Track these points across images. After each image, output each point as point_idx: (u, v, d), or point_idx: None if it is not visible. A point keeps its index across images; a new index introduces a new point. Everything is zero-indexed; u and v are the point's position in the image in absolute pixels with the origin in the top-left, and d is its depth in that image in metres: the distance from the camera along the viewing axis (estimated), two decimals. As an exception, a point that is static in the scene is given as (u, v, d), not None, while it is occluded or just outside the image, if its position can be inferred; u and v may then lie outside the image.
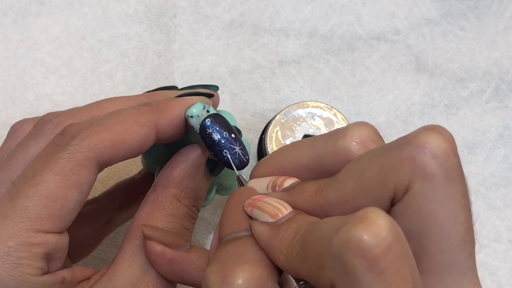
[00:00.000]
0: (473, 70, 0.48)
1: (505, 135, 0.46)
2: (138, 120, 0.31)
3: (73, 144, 0.29)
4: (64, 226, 0.30)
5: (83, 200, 0.30)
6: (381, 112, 0.47)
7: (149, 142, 0.32)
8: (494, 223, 0.44)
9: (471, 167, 0.46)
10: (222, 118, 0.32)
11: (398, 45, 0.49)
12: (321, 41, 0.50)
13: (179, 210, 0.33)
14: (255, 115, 0.47)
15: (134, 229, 0.32)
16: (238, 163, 0.32)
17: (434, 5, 0.50)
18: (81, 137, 0.30)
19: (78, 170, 0.29)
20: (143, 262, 0.31)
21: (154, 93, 0.35)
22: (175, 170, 0.33)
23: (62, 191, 0.29)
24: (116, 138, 0.30)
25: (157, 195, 0.33)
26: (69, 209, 0.29)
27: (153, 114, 0.32)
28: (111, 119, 0.31)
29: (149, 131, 0.31)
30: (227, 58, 0.49)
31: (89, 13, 0.51)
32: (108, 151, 0.30)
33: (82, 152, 0.29)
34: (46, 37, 0.50)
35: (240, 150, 0.32)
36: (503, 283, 0.43)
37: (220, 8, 0.51)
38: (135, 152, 0.31)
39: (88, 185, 0.30)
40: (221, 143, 0.32)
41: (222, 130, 0.32)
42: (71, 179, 0.29)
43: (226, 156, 0.32)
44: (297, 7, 0.51)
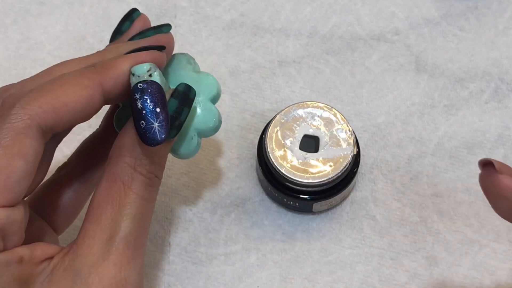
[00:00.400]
0: (472, 71, 0.48)
1: (505, 135, 0.47)
2: (80, 82, 0.31)
3: (12, 113, 0.29)
4: (15, 198, 0.29)
5: (31, 169, 0.29)
6: (381, 112, 0.47)
7: (95, 103, 0.31)
8: (494, 223, 0.44)
9: (471, 167, 0.46)
10: (156, 88, 0.31)
11: (398, 45, 0.49)
12: (321, 41, 0.50)
13: (136, 180, 0.32)
14: (255, 115, 0.47)
15: (94, 207, 0.31)
16: (149, 138, 0.31)
17: (434, 5, 0.51)
18: (20, 105, 0.29)
19: (19, 139, 0.29)
20: (105, 241, 0.31)
21: (104, 51, 0.34)
22: (126, 137, 0.32)
23: (5, 162, 0.28)
24: (56, 102, 0.30)
25: (111, 167, 0.32)
26: (16, 180, 0.29)
27: (97, 74, 0.31)
28: (52, 84, 0.30)
29: (92, 92, 0.31)
30: (227, 58, 0.49)
31: (89, 13, 0.51)
32: (50, 116, 0.29)
33: (21, 120, 0.29)
34: (46, 37, 0.50)
35: (158, 126, 0.31)
36: (503, 283, 0.43)
37: (220, 9, 0.51)
38: (82, 115, 0.31)
39: (33, 152, 0.29)
40: (142, 113, 0.31)
41: (149, 101, 0.31)
42: (13, 149, 0.28)
43: (141, 127, 0.31)
44: (297, 7, 0.51)
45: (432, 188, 0.45)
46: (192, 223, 0.45)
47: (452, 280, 0.43)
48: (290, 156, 0.42)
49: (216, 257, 0.44)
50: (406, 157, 0.46)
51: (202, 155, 0.46)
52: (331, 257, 0.44)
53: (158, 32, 0.35)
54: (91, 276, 0.30)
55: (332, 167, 0.42)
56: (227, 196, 0.45)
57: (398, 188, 0.45)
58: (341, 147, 0.42)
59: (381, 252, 0.44)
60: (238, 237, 0.44)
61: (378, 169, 0.46)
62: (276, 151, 0.42)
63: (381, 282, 0.43)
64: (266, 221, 0.45)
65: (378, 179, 0.46)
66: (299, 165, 0.42)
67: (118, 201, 0.31)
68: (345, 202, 0.45)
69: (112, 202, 0.31)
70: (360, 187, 0.45)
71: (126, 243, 0.31)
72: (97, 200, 0.32)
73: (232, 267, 0.44)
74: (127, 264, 0.31)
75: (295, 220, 0.45)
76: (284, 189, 0.43)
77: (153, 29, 0.36)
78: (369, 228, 0.44)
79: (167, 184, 0.45)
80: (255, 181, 0.46)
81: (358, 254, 0.44)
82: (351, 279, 0.43)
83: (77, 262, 0.30)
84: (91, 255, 0.30)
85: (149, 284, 0.43)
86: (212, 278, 0.43)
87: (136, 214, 0.32)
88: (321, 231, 0.44)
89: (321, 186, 0.42)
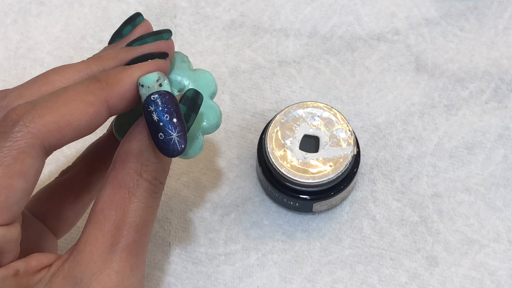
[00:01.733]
0: (472, 71, 0.48)
1: (505, 135, 0.47)
2: (86, 98, 0.30)
3: (15, 131, 0.28)
4: (12, 217, 0.28)
5: (30, 189, 0.29)
6: (381, 112, 0.47)
7: (100, 119, 0.30)
8: (494, 223, 0.44)
9: (471, 167, 0.46)
10: (170, 98, 0.30)
11: (398, 45, 0.49)
12: (321, 41, 0.50)
13: (141, 187, 0.31)
14: (255, 115, 0.47)
15: (97, 212, 0.31)
16: (170, 150, 0.30)
17: (434, 5, 0.51)
18: (24, 122, 0.28)
19: (21, 158, 0.28)
20: (107, 248, 0.30)
21: (104, 57, 0.33)
22: (132, 142, 0.31)
23: (5, 181, 0.28)
24: (61, 121, 0.29)
25: (116, 172, 0.31)
26: (15, 200, 0.28)
27: (102, 90, 0.30)
28: (56, 99, 0.29)
29: (98, 109, 0.30)
30: (227, 58, 0.49)
31: (89, 13, 0.51)
32: (54, 135, 0.29)
33: (25, 139, 0.28)
34: (46, 37, 0.50)
35: (177, 137, 0.30)
36: (503, 283, 0.43)
37: (220, 9, 0.51)
38: (85, 132, 0.30)
39: (34, 172, 0.29)
40: (159, 125, 0.30)
41: (165, 112, 0.30)
42: (14, 169, 0.28)
43: (160, 139, 0.30)
44: (297, 7, 0.51)
45: (432, 188, 0.45)
46: (192, 223, 0.45)
47: (452, 280, 0.43)
48: (290, 156, 0.42)
49: (216, 257, 0.44)
50: (406, 157, 0.46)
51: (202, 155, 0.46)
52: (331, 257, 0.44)
53: (158, 38, 0.34)
54: (93, 284, 0.29)
55: (332, 167, 0.42)
56: (227, 196, 0.45)
57: (398, 188, 0.45)
58: (341, 147, 0.42)
59: (381, 252, 0.44)
60: (238, 237, 0.44)
61: (378, 169, 0.46)
62: (276, 151, 0.42)
63: (381, 282, 0.43)
64: (266, 221, 0.45)
65: (378, 179, 0.46)
66: (299, 165, 0.42)
67: (122, 207, 0.31)
68: (345, 202, 0.45)
69: (115, 208, 0.31)
70: (360, 187, 0.45)
71: (129, 251, 0.30)
72: (100, 206, 0.31)
73: (232, 267, 0.44)
74: (129, 272, 0.30)
75: (295, 220, 0.45)
76: (284, 189, 0.43)
77: (153, 34, 0.34)
78: (369, 228, 0.44)
79: (167, 184, 0.45)
80: (255, 181, 0.46)
81: (358, 254, 0.44)
82: (351, 279, 0.43)
83: (77, 269, 0.30)
84: (92, 262, 0.30)
85: (149, 284, 0.43)
86: (212, 278, 0.43)
87: (140, 222, 0.31)
88: (321, 231, 0.44)
89: (321, 186, 0.42)
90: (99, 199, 0.31)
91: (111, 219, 0.30)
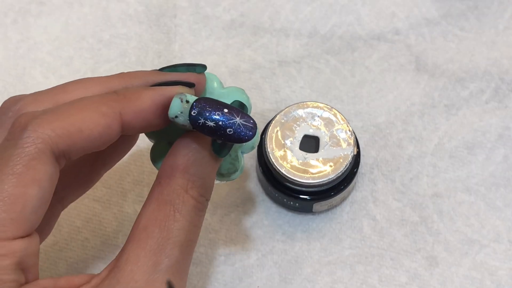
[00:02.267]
0: (473, 71, 0.48)
1: (505, 135, 0.47)
2: (100, 109, 0.29)
3: (24, 137, 0.27)
4: (31, 227, 0.27)
5: (47, 196, 0.28)
6: (381, 112, 0.47)
7: (113, 133, 0.29)
8: (494, 223, 0.44)
9: (471, 167, 0.46)
10: (206, 99, 0.29)
11: (398, 45, 0.49)
12: (321, 41, 0.50)
13: (187, 205, 0.30)
14: (255, 115, 0.47)
15: (140, 230, 0.30)
16: (246, 134, 0.29)
17: (434, 5, 0.50)
18: (32, 128, 0.27)
19: (33, 165, 0.27)
20: (149, 268, 0.29)
21: (128, 74, 0.32)
22: (178, 157, 0.30)
23: (19, 190, 0.27)
24: (71, 127, 0.28)
25: (162, 188, 0.30)
26: (32, 209, 0.27)
27: (118, 103, 0.29)
28: (68, 107, 0.29)
29: (111, 121, 0.29)
30: (227, 58, 0.49)
31: (89, 13, 0.51)
32: (63, 141, 0.28)
33: (34, 144, 0.27)
34: (46, 37, 0.50)
35: (241, 120, 0.29)
36: (503, 283, 0.43)
37: (220, 8, 0.51)
38: (97, 143, 0.29)
39: (49, 178, 0.28)
40: (220, 126, 0.29)
41: (213, 112, 0.29)
42: (27, 176, 0.27)
43: (232, 134, 0.29)
44: (297, 7, 0.51)
45: (432, 188, 0.45)
46: (192, 223, 0.45)
47: (452, 280, 0.43)
48: (290, 156, 0.42)
49: (216, 257, 0.44)
50: (406, 157, 0.46)
51: (202, 155, 0.46)
52: (331, 257, 0.44)
53: (190, 70, 0.33)
54: None
55: (332, 167, 0.42)
56: (227, 196, 0.45)
57: (398, 188, 0.45)
58: (341, 147, 0.42)
59: (381, 252, 0.44)
60: (238, 237, 0.44)
61: (378, 169, 0.46)
62: (276, 151, 0.42)
63: (381, 282, 0.43)
64: (266, 221, 0.45)
65: (378, 179, 0.46)
66: (299, 165, 0.42)
67: (167, 225, 0.29)
68: (345, 202, 0.45)
69: (159, 226, 0.29)
70: (360, 187, 0.45)
71: (172, 272, 0.29)
72: (144, 223, 0.30)
73: (232, 268, 0.43)
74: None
75: (295, 220, 0.45)
76: (284, 189, 0.43)
77: (186, 65, 0.33)
78: (369, 228, 0.44)
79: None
80: (255, 181, 0.46)
81: (358, 254, 0.44)
82: (351, 279, 0.43)
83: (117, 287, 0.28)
84: (133, 282, 0.28)
85: (149, 284, 0.43)
86: (212, 278, 0.43)
87: (184, 241, 0.30)
88: (321, 231, 0.44)
89: (321, 186, 0.42)
90: (143, 215, 0.30)
91: (155, 237, 0.29)
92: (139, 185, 0.45)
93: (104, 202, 0.45)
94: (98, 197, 0.45)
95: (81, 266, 0.44)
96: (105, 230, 0.44)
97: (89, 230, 0.44)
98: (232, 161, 0.34)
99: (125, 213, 0.45)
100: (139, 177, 0.46)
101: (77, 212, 0.45)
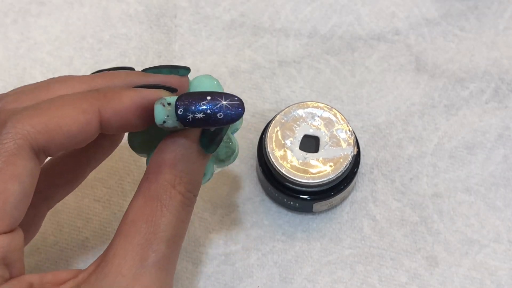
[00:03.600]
0: (473, 71, 0.48)
1: (505, 135, 0.47)
2: (79, 105, 0.29)
3: (3, 133, 0.27)
4: (13, 223, 0.28)
5: (28, 191, 0.28)
6: (381, 112, 0.47)
7: (92, 130, 0.30)
8: (494, 223, 0.44)
9: (471, 167, 0.46)
10: (187, 95, 0.30)
11: (398, 45, 0.49)
12: (321, 41, 0.50)
13: (174, 200, 0.30)
14: (255, 115, 0.47)
15: (127, 225, 0.30)
16: (236, 112, 0.29)
17: (434, 5, 0.51)
18: (12, 123, 0.28)
19: (12, 161, 0.27)
20: (137, 262, 0.29)
21: (111, 74, 0.32)
22: (166, 153, 0.31)
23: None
24: (50, 123, 0.28)
25: (149, 184, 0.30)
26: (13, 204, 0.27)
27: (98, 100, 0.30)
28: (49, 104, 0.29)
29: (90, 118, 0.29)
30: (227, 58, 0.49)
31: (89, 13, 0.51)
32: (43, 137, 0.28)
33: (13, 140, 0.27)
34: (46, 37, 0.50)
35: (226, 101, 0.29)
36: (503, 283, 0.43)
37: (220, 8, 0.51)
38: (76, 140, 0.29)
39: (29, 174, 0.28)
40: (209, 114, 0.29)
41: (198, 103, 0.29)
42: (7, 172, 0.27)
43: (223, 117, 0.29)
44: (297, 7, 0.51)
45: (432, 188, 0.45)
46: (192, 223, 0.45)
47: (452, 280, 0.43)
48: (290, 156, 0.42)
49: (216, 257, 0.44)
50: (406, 157, 0.46)
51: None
52: (331, 257, 0.44)
53: (174, 72, 0.33)
54: None
55: (332, 167, 0.42)
56: (227, 196, 0.45)
57: (398, 188, 0.45)
58: (341, 147, 0.42)
59: (381, 252, 0.44)
60: (238, 237, 0.44)
61: (378, 169, 0.46)
62: (276, 151, 0.42)
63: (381, 282, 0.43)
64: (266, 221, 0.45)
65: (378, 179, 0.46)
66: (299, 165, 0.42)
67: (154, 220, 0.30)
68: (345, 202, 0.45)
69: (147, 221, 0.30)
70: (360, 187, 0.45)
71: (159, 266, 0.29)
72: (131, 217, 0.30)
73: (232, 267, 0.44)
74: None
75: (295, 220, 0.45)
76: (284, 189, 0.43)
77: (169, 67, 0.33)
78: (369, 228, 0.44)
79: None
80: (255, 181, 0.46)
81: (358, 254, 0.44)
82: (351, 279, 0.43)
83: (104, 281, 0.28)
84: (121, 276, 0.29)
85: (149, 284, 0.43)
86: (212, 278, 0.43)
87: (171, 237, 0.30)
88: (321, 231, 0.44)
89: (321, 186, 0.42)
90: (130, 210, 0.30)
91: (142, 232, 0.30)
92: (139, 185, 0.45)
93: (104, 202, 0.45)
94: (99, 197, 0.45)
95: (81, 266, 0.44)
96: (105, 230, 0.44)
97: (89, 230, 0.44)
98: (226, 145, 0.34)
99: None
100: (139, 177, 0.46)
101: (77, 212, 0.45)
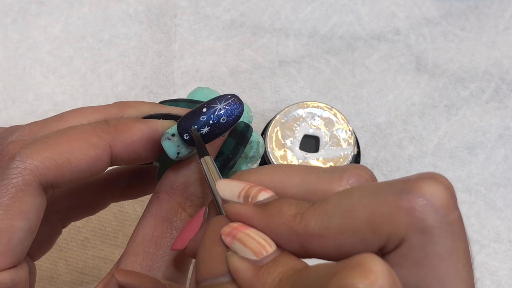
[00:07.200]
0: (473, 70, 0.48)
1: (505, 135, 0.46)
2: (89, 139, 0.29)
3: (12, 167, 0.27)
4: (17, 259, 0.28)
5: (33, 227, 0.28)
6: (381, 112, 0.47)
7: (102, 164, 0.29)
8: (494, 223, 0.44)
9: (471, 167, 0.46)
10: (183, 118, 0.30)
11: (398, 45, 0.49)
12: (321, 41, 0.50)
13: (184, 222, 0.30)
14: (255, 115, 0.47)
15: (136, 244, 0.30)
16: (236, 109, 0.29)
17: (434, 5, 0.50)
18: (20, 158, 0.27)
19: (19, 197, 0.27)
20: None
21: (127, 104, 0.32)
22: (179, 176, 0.31)
23: (5, 223, 0.27)
24: (59, 159, 0.28)
25: (160, 204, 0.31)
26: (18, 241, 0.27)
27: (108, 134, 0.29)
28: (58, 136, 0.28)
29: (100, 152, 0.29)
30: (227, 58, 0.49)
31: (89, 13, 0.51)
32: (51, 173, 0.28)
33: (22, 175, 0.27)
34: (46, 37, 0.50)
35: (223, 104, 0.29)
36: (503, 283, 0.43)
37: (220, 8, 0.51)
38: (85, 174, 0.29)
39: (35, 210, 0.28)
40: (214, 124, 0.29)
41: (197, 118, 0.29)
42: (14, 209, 0.27)
43: (226, 120, 0.29)
44: (297, 7, 0.51)
45: (432, 188, 0.45)
46: (192, 223, 0.44)
47: (453, 280, 0.43)
48: (290, 156, 0.42)
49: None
50: (406, 157, 0.46)
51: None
52: (331, 257, 0.44)
53: (191, 106, 0.32)
54: None
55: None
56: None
57: (399, 188, 0.45)
58: (341, 147, 0.42)
59: (381, 252, 0.44)
60: (238, 237, 0.44)
61: (379, 169, 0.46)
62: (276, 151, 0.42)
63: (381, 282, 0.43)
64: (266, 221, 0.45)
65: (379, 179, 0.45)
66: (299, 165, 0.42)
67: (163, 243, 0.30)
68: (345, 202, 0.45)
69: (156, 242, 0.30)
70: (360, 187, 0.45)
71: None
72: (141, 238, 0.30)
73: (232, 267, 0.43)
74: None
75: (295, 220, 0.45)
76: (284, 189, 0.43)
77: (188, 101, 0.33)
78: (369, 228, 0.44)
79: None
80: (255, 181, 0.46)
81: (358, 254, 0.44)
82: (351, 279, 0.43)
83: None
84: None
85: (149, 284, 0.43)
86: None
87: (180, 259, 0.30)
88: (321, 231, 0.44)
89: (321, 186, 0.42)
90: (140, 229, 0.30)
91: (151, 253, 0.30)
92: (139, 185, 0.45)
93: (104, 202, 0.45)
94: (98, 197, 0.45)
95: (81, 265, 0.44)
96: (105, 230, 0.44)
97: (89, 230, 0.44)
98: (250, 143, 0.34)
99: (125, 213, 0.45)
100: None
101: (77, 212, 0.45)
